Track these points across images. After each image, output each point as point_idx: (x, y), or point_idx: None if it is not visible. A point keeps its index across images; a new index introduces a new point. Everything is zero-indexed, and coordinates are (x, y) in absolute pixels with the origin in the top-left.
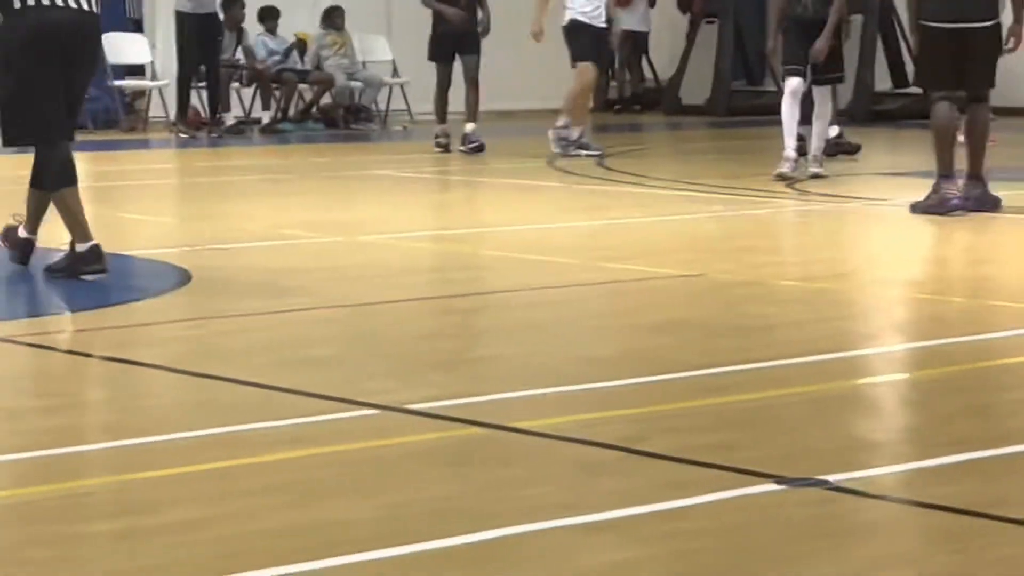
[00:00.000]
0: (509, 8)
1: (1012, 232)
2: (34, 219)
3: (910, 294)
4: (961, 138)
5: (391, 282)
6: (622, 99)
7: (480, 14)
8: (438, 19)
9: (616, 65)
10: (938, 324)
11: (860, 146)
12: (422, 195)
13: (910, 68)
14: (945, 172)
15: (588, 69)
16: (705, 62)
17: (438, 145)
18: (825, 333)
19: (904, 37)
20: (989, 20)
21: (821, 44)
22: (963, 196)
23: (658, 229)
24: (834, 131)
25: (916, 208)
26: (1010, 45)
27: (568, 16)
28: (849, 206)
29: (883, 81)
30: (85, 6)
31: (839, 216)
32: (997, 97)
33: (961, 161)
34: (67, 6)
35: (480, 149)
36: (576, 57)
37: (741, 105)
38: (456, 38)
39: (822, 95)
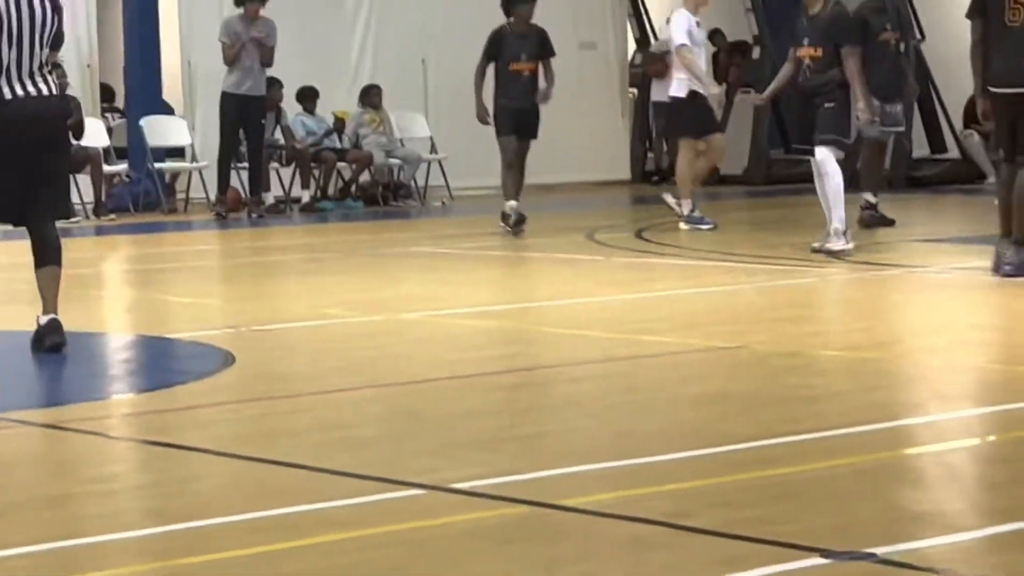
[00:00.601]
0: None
1: None
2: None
3: (954, 362)
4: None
5: (433, 360)
6: (659, 170)
7: (542, 85)
8: (501, 92)
9: (653, 136)
10: (983, 392)
11: (894, 221)
12: (462, 272)
13: (947, 134)
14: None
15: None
16: (742, 132)
17: (512, 224)
18: (869, 403)
19: (941, 102)
20: None
21: (862, 106)
22: (1003, 260)
23: (698, 301)
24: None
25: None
26: None
27: (681, 89)
28: (889, 273)
29: (921, 147)
30: (45, 91)
31: (880, 284)
32: None
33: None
34: (27, 96)
35: (521, 222)
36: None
37: (779, 174)
38: (518, 114)
39: (824, 160)
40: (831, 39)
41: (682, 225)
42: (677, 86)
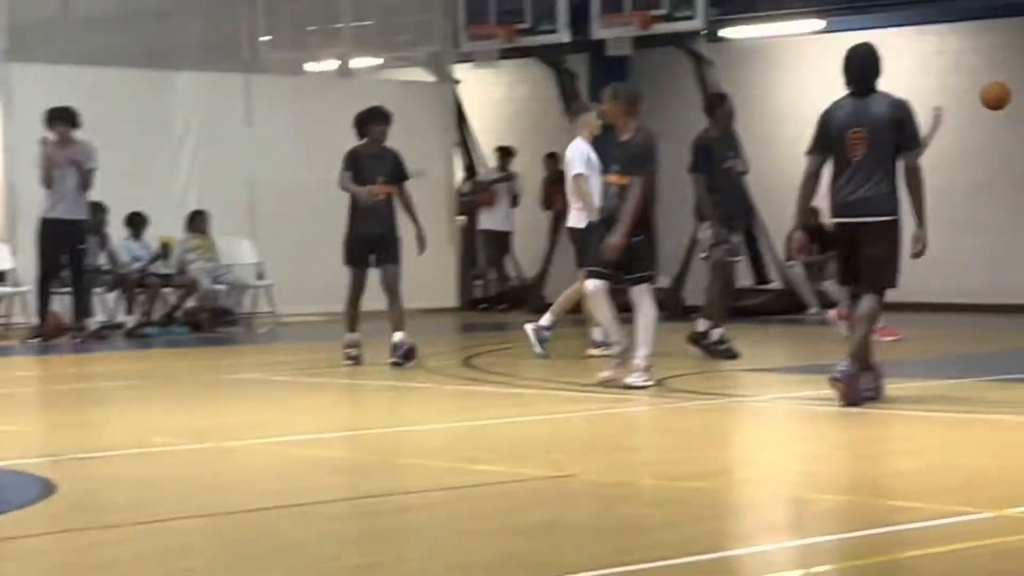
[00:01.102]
0: None
1: (886, 426)
2: None
3: (781, 492)
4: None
5: (260, 489)
6: (487, 298)
7: (416, 226)
8: (353, 221)
9: (480, 264)
10: (810, 522)
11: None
12: (290, 399)
13: (770, 265)
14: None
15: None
16: (569, 259)
17: (348, 357)
18: (700, 533)
19: (767, 235)
20: (885, 216)
21: (614, 240)
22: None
23: (528, 429)
24: (716, 333)
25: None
26: (916, 250)
27: (580, 220)
28: (716, 403)
29: (745, 277)
30: None
31: (708, 413)
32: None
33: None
34: None
35: (410, 355)
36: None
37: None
38: (373, 241)
39: (639, 295)
40: (639, 166)
41: (593, 351)
42: (576, 217)
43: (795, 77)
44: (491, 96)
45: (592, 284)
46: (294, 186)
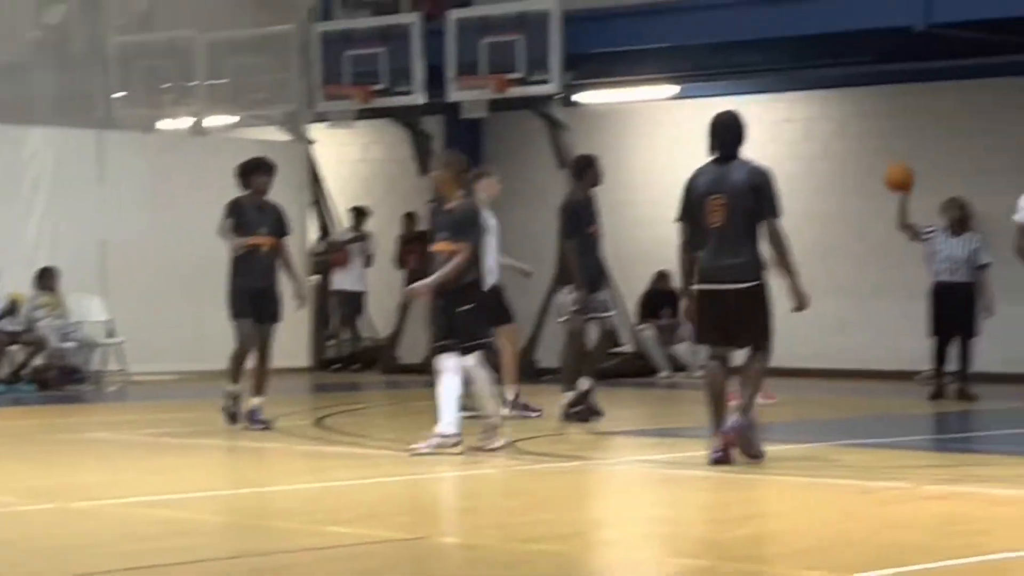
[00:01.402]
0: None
1: (739, 490)
2: None
3: (632, 555)
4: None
5: (105, 551)
6: (340, 358)
7: (295, 282)
8: (235, 274)
9: (334, 324)
10: None
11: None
12: (140, 459)
13: (622, 328)
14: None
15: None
16: (423, 321)
17: (227, 412)
18: None
19: (619, 298)
20: (749, 282)
21: (419, 287)
22: (729, 426)
23: (380, 490)
24: (567, 396)
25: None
26: (795, 305)
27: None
28: (568, 465)
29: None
30: None
31: (560, 476)
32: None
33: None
34: None
35: (267, 428)
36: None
37: None
38: (255, 295)
39: (466, 363)
40: (465, 234)
41: (504, 411)
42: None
43: (649, 142)
44: (346, 156)
45: (446, 361)
46: (146, 244)
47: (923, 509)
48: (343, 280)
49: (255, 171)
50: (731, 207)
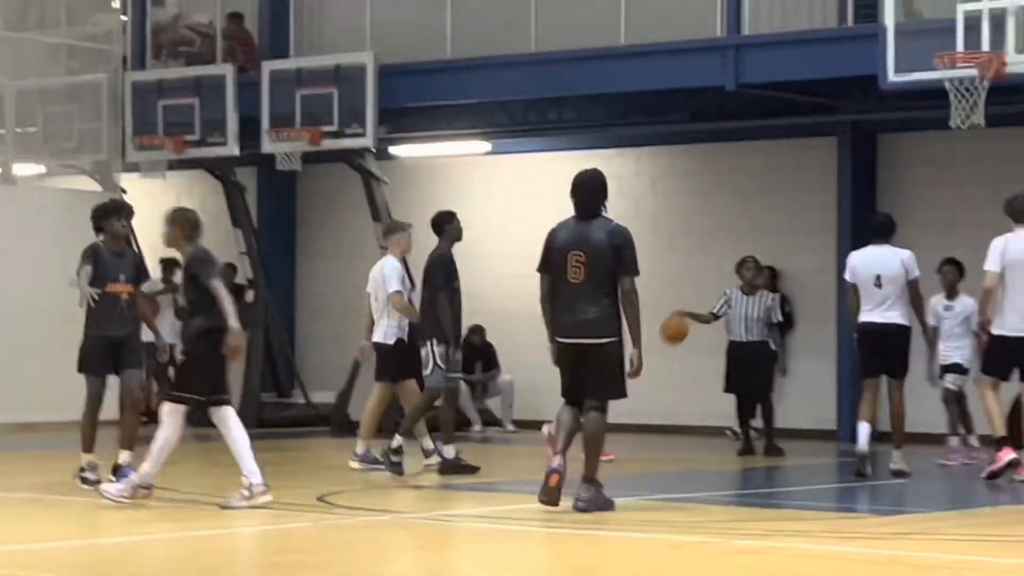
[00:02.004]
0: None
1: (553, 545)
2: None
3: None
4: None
5: None
6: (149, 411)
7: (153, 333)
8: (92, 323)
9: (144, 376)
10: None
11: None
12: None
13: None
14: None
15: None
16: (235, 373)
17: (84, 481)
18: None
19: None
20: (606, 338)
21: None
22: (577, 497)
23: (190, 545)
24: (449, 452)
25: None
26: (631, 370)
27: (389, 336)
28: (379, 519)
29: None
30: None
31: (371, 529)
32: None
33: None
34: None
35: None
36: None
37: (271, 417)
38: (113, 345)
39: (219, 418)
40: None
41: (354, 464)
42: (386, 332)
43: (462, 197)
44: (158, 207)
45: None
46: None
47: (732, 563)
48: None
49: (111, 214)
50: (591, 264)
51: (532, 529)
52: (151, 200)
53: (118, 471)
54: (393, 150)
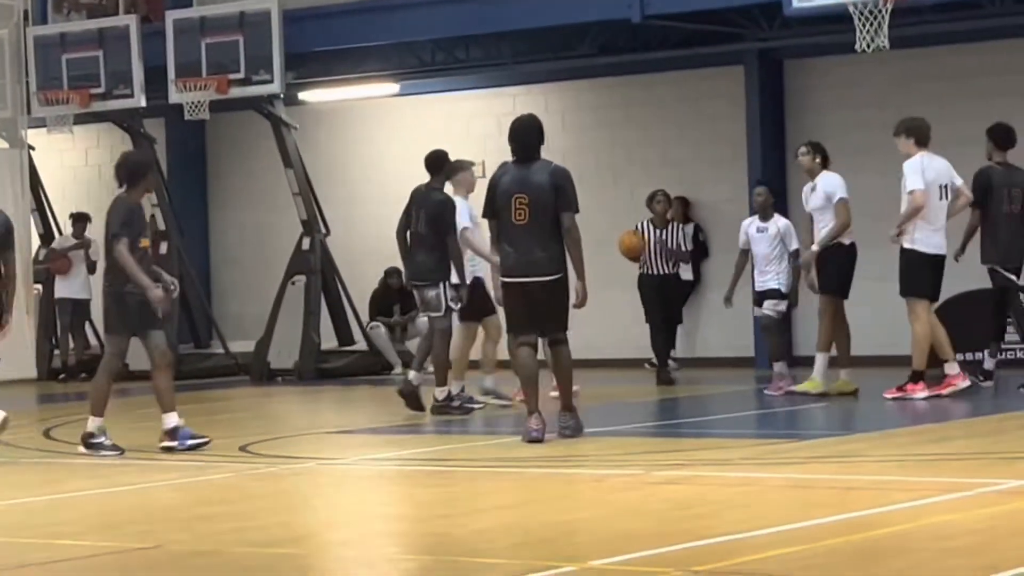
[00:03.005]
0: None
1: (470, 483)
2: None
3: (368, 554)
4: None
5: None
6: (66, 368)
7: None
8: (119, 278)
9: (59, 333)
10: None
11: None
12: None
13: (354, 327)
14: (531, 409)
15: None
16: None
17: (99, 447)
18: None
19: (348, 296)
20: (554, 275)
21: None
22: (562, 426)
23: (111, 500)
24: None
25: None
26: (575, 301)
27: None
28: (303, 466)
29: (329, 339)
30: None
31: (294, 478)
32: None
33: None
34: None
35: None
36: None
37: (190, 368)
38: (143, 304)
39: None
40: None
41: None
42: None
43: (372, 139)
44: (67, 162)
45: None
46: None
47: (653, 495)
48: (67, 288)
49: (151, 168)
50: (535, 205)
51: (455, 469)
52: (59, 156)
53: (177, 432)
54: (302, 95)
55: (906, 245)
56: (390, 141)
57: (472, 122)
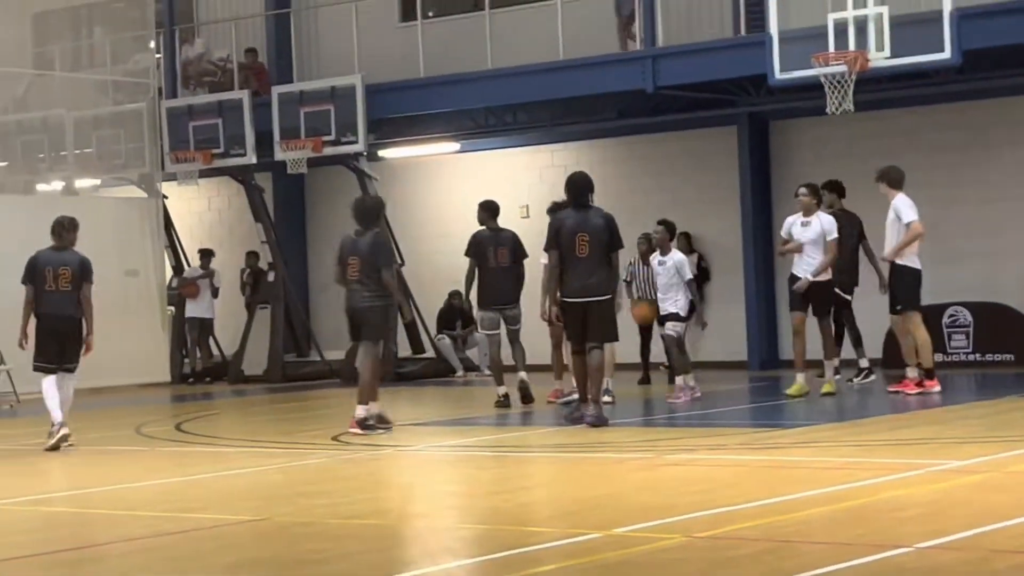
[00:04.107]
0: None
1: (517, 466)
2: None
3: (436, 524)
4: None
5: None
6: (194, 373)
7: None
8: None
9: (188, 345)
10: (462, 547)
11: None
12: (23, 464)
13: (425, 338)
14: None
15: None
16: (262, 339)
17: (371, 427)
18: (372, 562)
19: (419, 312)
20: (605, 295)
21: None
22: (587, 414)
23: (230, 482)
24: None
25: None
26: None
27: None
28: (384, 452)
29: (404, 349)
30: None
31: (377, 462)
32: None
33: None
34: None
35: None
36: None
37: (292, 373)
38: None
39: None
40: None
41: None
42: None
43: (438, 188)
44: (193, 208)
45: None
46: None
47: (664, 475)
48: (195, 309)
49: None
50: (593, 242)
51: (506, 454)
52: (187, 203)
53: (381, 419)
54: (381, 153)
55: (903, 263)
56: (451, 189)
57: (518, 173)
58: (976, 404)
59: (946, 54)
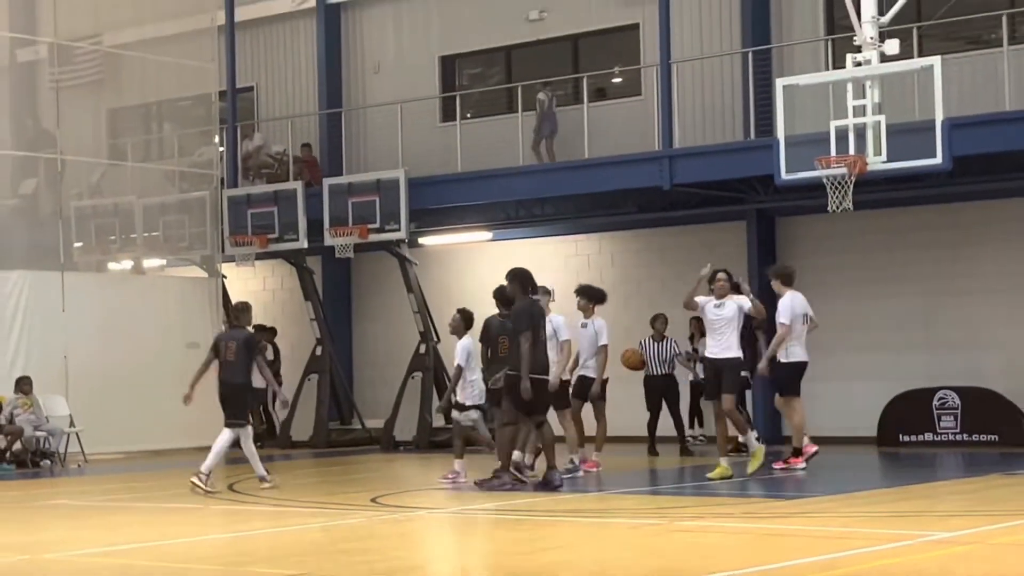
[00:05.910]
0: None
1: (538, 529)
2: None
3: None
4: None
5: None
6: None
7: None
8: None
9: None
10: None
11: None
12: (96, 518)
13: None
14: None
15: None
16: (308, 408)
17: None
18: None
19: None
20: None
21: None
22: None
23: (276, 538)
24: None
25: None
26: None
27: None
28: (417, 514)
29: (438, 420)
30: None
31: (411, 522)
32: None
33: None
34: None
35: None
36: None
37: (336, 440)
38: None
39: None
40: None
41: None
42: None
43: (472, 272)
44: (250, 287)
45: None
46: (98, 356)
47: (674, 540)
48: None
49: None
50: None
51: (530, 518)
52: (244, 283)
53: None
54: (421, 240)
55: (783, 360)
56: (485, 274)
57: (545, 260)
58: (963, 481)
59: (938, 159)
